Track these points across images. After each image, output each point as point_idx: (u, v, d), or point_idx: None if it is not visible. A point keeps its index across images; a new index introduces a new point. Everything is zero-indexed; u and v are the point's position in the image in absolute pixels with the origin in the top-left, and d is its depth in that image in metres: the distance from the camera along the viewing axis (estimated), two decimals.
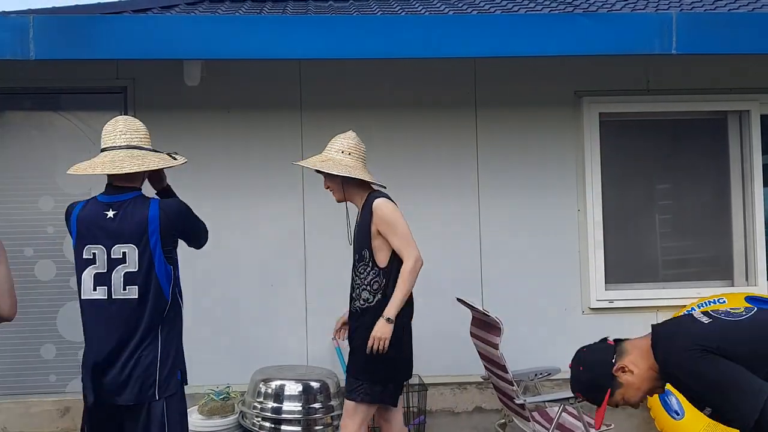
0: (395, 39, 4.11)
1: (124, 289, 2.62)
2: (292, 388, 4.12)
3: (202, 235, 3.00)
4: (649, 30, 4.15)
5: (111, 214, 2.62)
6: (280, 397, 4.09)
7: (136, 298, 2.62)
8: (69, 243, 4.50)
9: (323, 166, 3.40)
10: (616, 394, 2.31)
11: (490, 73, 4.81)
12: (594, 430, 3.53)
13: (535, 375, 4.21)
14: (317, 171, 3.47)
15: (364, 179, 3.40)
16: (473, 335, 4.05)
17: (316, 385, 4.16)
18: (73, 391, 4.48)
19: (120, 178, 2.72)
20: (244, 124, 4.74)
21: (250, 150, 4.73)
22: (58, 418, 4.54)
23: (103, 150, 2.76)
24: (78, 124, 4.72)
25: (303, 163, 3.55)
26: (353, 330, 3.40)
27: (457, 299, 4.11)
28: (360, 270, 3.36)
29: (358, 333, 3.34)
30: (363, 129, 4.68)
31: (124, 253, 2.61)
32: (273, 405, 4.08)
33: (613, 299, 4.82)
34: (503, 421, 4.35)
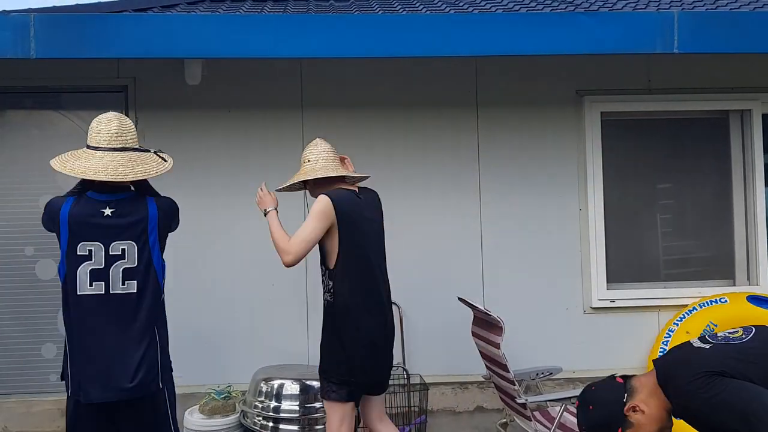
0: (396, 38, 4.10)
1: (123, 284, 2.67)
2: (293, 387, 4.11)
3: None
4: (650, 29, 4.14)
5: (108, 211, 2.67)
6: (281, 396, 4.09)
7: (135, 292, 2.68)
8: None
9: (289, 182, 3.46)
10: None
11: (491, 72, 4.81)
12: None
13: (537, 374, 4.20)
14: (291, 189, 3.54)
15: (319, 177, 3.36)
16: (474, 334, 4.04)
17: (317, 384, 4.13)
18: None
19: None
20: (245, 124, 4.73)
21: (251, 149, 4.72)
22: (58, 418, 4.53)
23: (93, 148, 2.74)
24: (78, 123, 4.71)
25: (285, 185, 3.54)
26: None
27: (459, 298, 4.10)
28: (321, 271, 3.38)
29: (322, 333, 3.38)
30: (363, 128, 4.72)
31: (123, 249, 2.67)
32: (274, 404, 4.08)
33: (614, 299, 4.81)
34: (504, 420, 4.34)
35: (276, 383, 4.13)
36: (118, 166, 2.67)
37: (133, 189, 2.84)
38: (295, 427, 4.04)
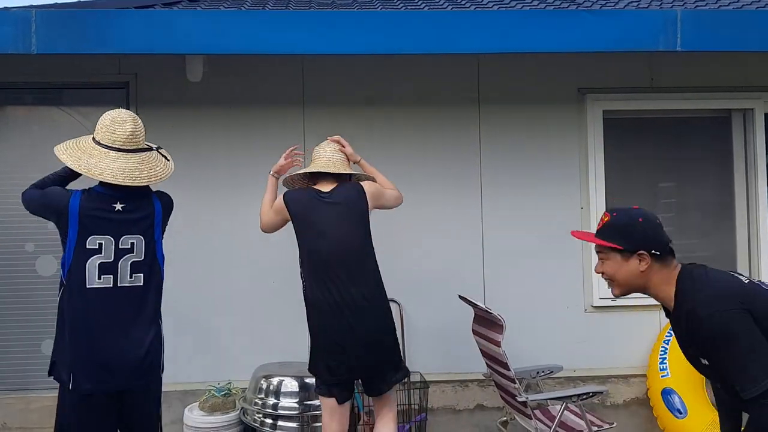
0: (397, 35, 4.09)
1: (131, 277, 2.78)
2: (294, 384, 4.11)
3: None
4: (653, 27, 4.12)
5: (119, 207, 2.76)
6: (281, 393, 4.08)
7: (141, 285, 2.81)
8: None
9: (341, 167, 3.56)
10: (617, 261, 2.27)
11: (493, 69, 4.80)
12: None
13: (537, 373, 4.20)
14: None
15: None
16: (475, 333, 4.03)
17: None
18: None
19: None
20: (246, 120, 4.72)
21: (252, 145, 4.71)
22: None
23: (105, 146, 2.80)
24: (80, 120, 4.71)
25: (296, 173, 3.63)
26: None
27: (460, 296, 4.10)
28: None
29: None
30: (365, 125, 4.71)
31: (132, 243, 2.78)
32: (274, 401, 4.07)
33: (615, 297, 4.78)
34: (505, 418, 4.33)
35: (276, 380, 4.13)
36: (134, 170, 2.77)
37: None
38: (295, 424, 4.04)
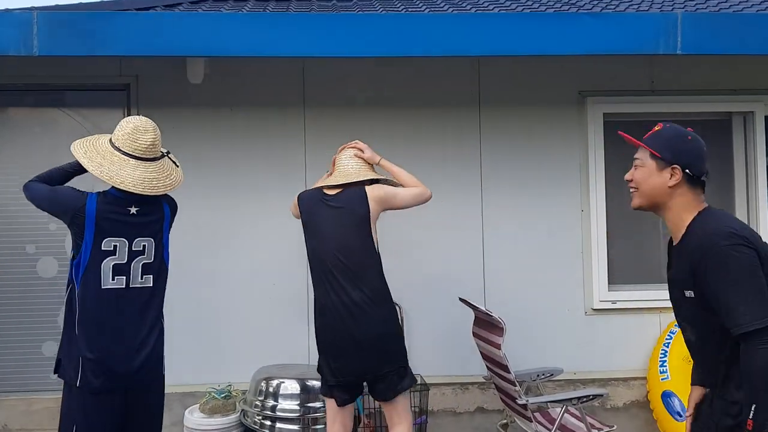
0: (398, 38, 4.10)
1: (141, 278, 2.89)
2: (294, 386, 4.11)
3: None
4: (653, 30, 4.13)
5: (134, 210, 2.87)
6: (281, 395, 4.08)
7: (151, 285, 2.92)
8: (71, 240, 4.57)
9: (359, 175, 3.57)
10: (650, 169, 2.30)
11: (493, 72, 4.80)
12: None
13: (538, 375, 4.20)
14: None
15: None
16: (475, 335, 4.04)
17: (317, 384, 4.13)
18: None
19: None
20: (247, 122, 4.73)
21: (253, 147, 4.72)
22: (59, 416, 4.52)
23: (125, 154, 2.87)
24: (81, 121, 4.72)
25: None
26: None
27: (460, 299, 4.11)
28: None
29: None
30: (365, 127, 4.71)
31: (144, 245, 2.88)
32: (274, 403, 4.07)
33: (615, 300, 4.81)
34: (505, 421, 4.34)
35: (276, 382, 4.13)
36: (153, 180, 2.88)
37: None
38: (296, 427, 4.04)
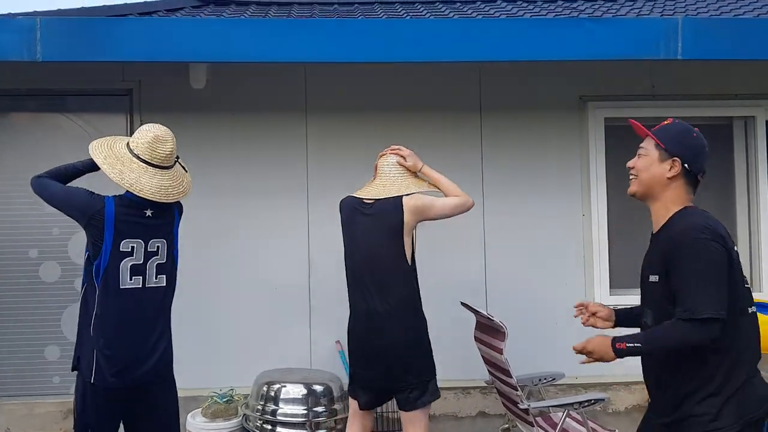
0: (400, 43, 4.11)
1: (156, 278, 2.98)
2: (296, 391, 4.11)
3: None
4: (654, 35, 4.14)
5: (150, 213, 2.95)
6: (283, 400, 4.08)
7: (164, 285, 3.01)
8: (74, 244, 4.59)
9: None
10: (652, 159, 2.58)
11: (495, 77, 4.81)
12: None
13: (539, 380, 4.19)
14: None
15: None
16: (477, 339, 4.04)
17: (319, 388, 4.16)
18: None
19: None
20: (249, 127, 4.74)
21: (255, 153, 4.73)
22: (61, 420, 4.54)
23: (144, 162, 2.93)
24: (84, 126, 4.73)
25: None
26: None
27: (461, 303, 4.11)
28: None
29: None
30: (367, 132, 4.73)
31: (158, 246, 2.98)
32: (276, 408, 4.08)
33: (617, 304, 4.77)
34: (507, 426, 4.33)
35: (278, 387, 4.13)
36: (168, 187, 2.97)
37: None
38: (298, 431, 4.04)
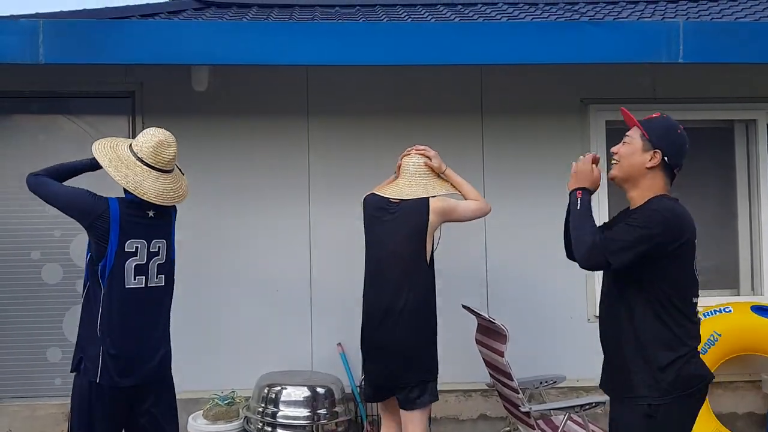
0: (401, 46, 4.12)
1: (157, 278, 3.04)
2: (297, 393, 4.12)
3: None
4: (655, 38, 4.15)
5: (152, 213, 3.02)
6: (284, 402, 4.09)
7: (163, 285, 3.07)
8: (76, 246, 4.60)
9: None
10: (635, 147, 2.77)
11: (496, 80, 4.82)
12: None
13: (541, 383, 4.20)
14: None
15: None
16: (478, 342, 4.04)
17: (321, 390, 4.16)
18: None
19: None
20: (251, 129, 4.75)
21: (257, 155, 4.74)
22: (63, 422, 4.54)
23: (147, 165, 2.97)
24: (86, 128, 4.74)
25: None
26: None
27: (463, 306, 4.11)
28: None
29: None
30: (368, 135, 4.74)
31: (159, 247, 3.04)
32: (277, 410, 4.08)
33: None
34: (508, 429, 4.33)
35: (280, 389, 4.14)
36: (170, 191, 3.03)
37: None
38: None
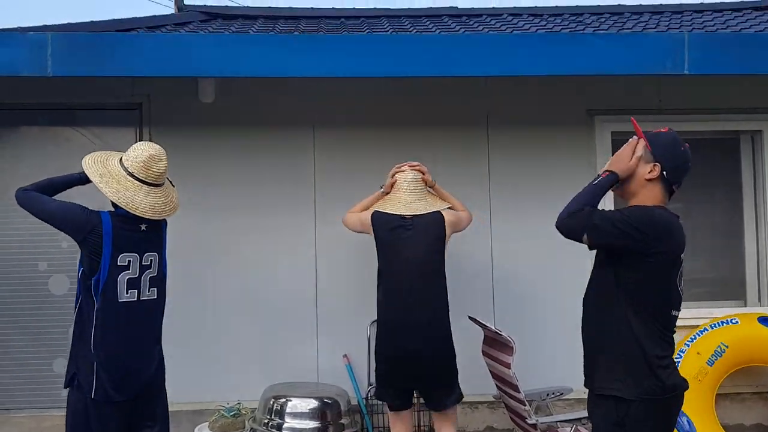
0: (407, 58, 4.14)
1: (149, 291, 3.02)
2: (303, 405, 4.11)
3: None
4: (661, 50, 4.16)
5: (144, 227, 2.99)
6: (290, 414, 4.08)
7: (155, 298, 3.05)
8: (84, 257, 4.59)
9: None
10: (641, 153, 2.75)
11: (502, 91, 4.82)
12: None
13: (547, 395, 4.18)
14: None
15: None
16: (485, 354, 4.03)
17: (327, 402, 4.15)
18: None
19: None
20: (257, 140, 4.76)
21: (263, 166, 4.75)
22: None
23: (138, 180, 2.95)
24: (93, 140, 4.76)
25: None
26: None
27: (469, 317, 4.10)
28: None
29: None
30: (374, 147, 4.74)
31: (151, 260, 3.02)
32: (283, 422, 4.07)
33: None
34: None
35: (286, 401, 4.13)
36: (162, 205, 3.01)
37: None
38: None
